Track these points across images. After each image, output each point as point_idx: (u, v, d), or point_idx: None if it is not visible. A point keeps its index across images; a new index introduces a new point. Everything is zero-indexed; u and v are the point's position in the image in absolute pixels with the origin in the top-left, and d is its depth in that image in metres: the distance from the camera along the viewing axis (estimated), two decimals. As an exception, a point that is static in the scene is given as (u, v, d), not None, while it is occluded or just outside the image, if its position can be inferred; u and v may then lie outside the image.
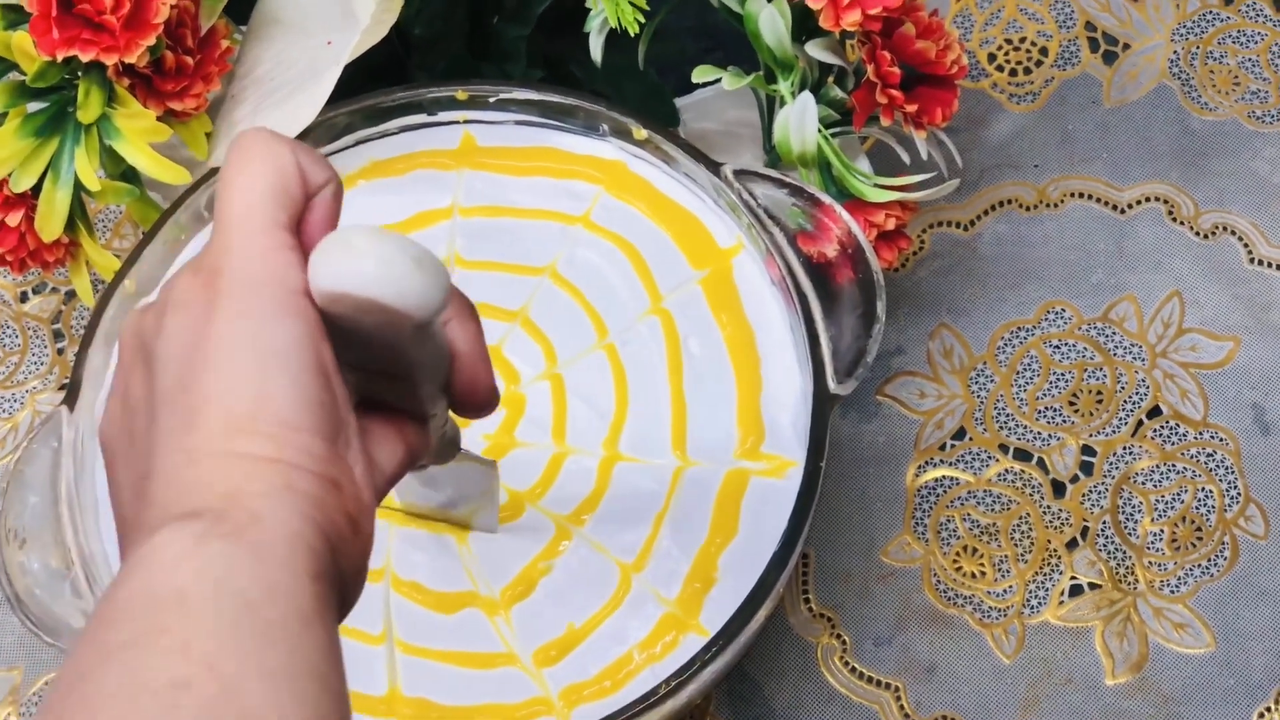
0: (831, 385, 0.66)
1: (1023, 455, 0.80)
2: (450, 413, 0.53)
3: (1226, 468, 0.79)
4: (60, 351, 0.84)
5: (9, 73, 0.70)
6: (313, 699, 0.40)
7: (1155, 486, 0.79)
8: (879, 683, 0.76)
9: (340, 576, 0.44)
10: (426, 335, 0.46)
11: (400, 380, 0.48)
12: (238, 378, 0.43)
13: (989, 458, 0.80)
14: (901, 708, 0.76)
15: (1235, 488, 0.79)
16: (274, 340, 0.44)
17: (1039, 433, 0.80)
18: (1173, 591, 0.77)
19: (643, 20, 0.67)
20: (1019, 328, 0.83)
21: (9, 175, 0.70)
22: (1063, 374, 0.81)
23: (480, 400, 0.51)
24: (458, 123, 0.74)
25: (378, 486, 0.47)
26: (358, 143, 0.74)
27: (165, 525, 0.42)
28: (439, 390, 0.50)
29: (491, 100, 0.73)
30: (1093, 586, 0.77)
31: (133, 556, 0.42)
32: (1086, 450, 0.80)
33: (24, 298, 0.85)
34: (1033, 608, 0.77)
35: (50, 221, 0.70)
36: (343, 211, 0.71)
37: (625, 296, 0.70)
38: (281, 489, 0.42)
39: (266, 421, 0.43)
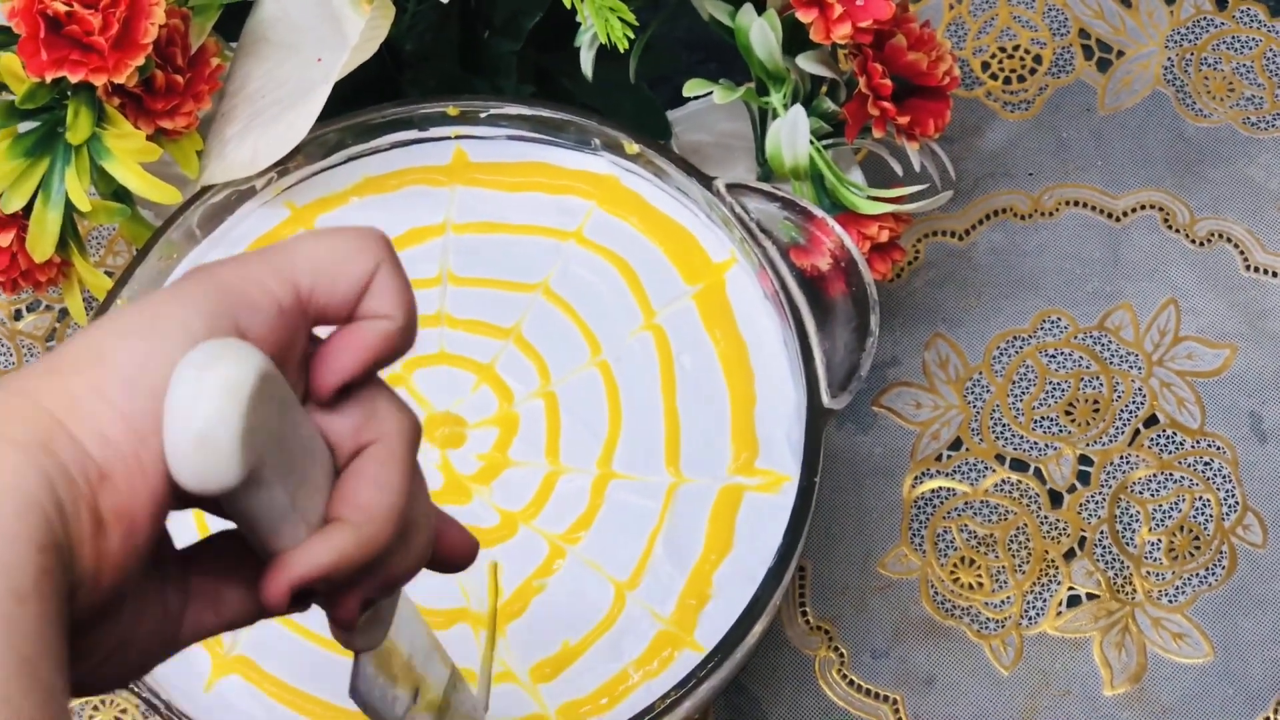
0: (825, 400, 0.66)
1: (1019, 465, 0.80)
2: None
3: (1224, 476, 0.79)
4: (55, 369, 0.83)
5: (-2, 94, 0.70)
6: (16, 693, 0.36)
7: (1153, 496, 0.79)
8: (877, 695, 0.76)
9: (70, 563, 0.39)
10: (248, 497, 0.42)
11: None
12: (104, 332, 0.41)
13: (986, 468, 0.80)
14: (900, 720, 0.76)
15: (1233, 496, 0.79)
16: (163, 323, 0.41)
17: (1035, 443, 0.80)
18: (1171, 601, 0.77)
19: (632, 35, 0.67)
20: (1015, 337, 0.82)
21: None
22: (1059, 383, 0.81)
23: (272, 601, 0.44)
24: (449, 138, 0.74)
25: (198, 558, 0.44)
26: (349, 159, 0.73)
27: None
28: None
29: (483, 115, 0.73)
30: (1091, 597, 0.77)
31: None
32: (1083, 460, 0.80)
33: (18, 315, 0.85)
34: (1030, 619, 0.77)
35: (42, 242, 0.70)
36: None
37: (618, 312, 0.70)
38: (38, 445, 0.39)
39: (84, 377, 0.40)
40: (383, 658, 0.50)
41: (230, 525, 0.44)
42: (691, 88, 0.73)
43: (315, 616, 0.65)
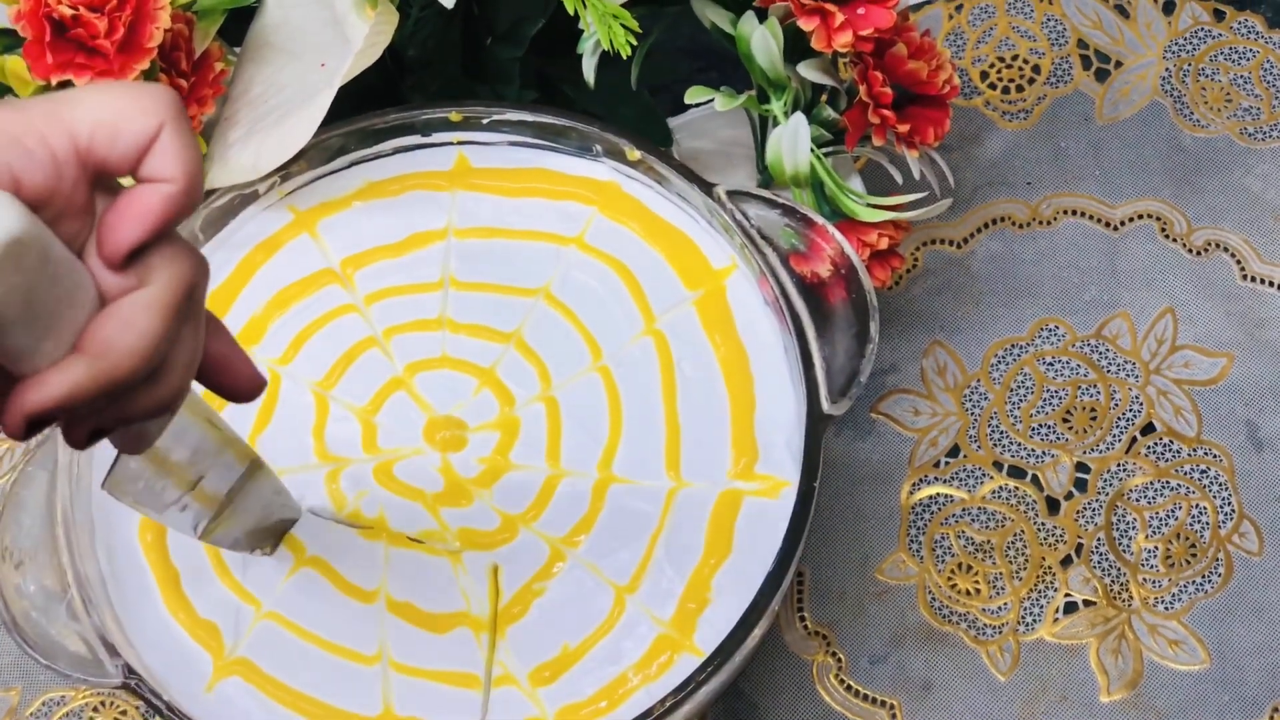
0: (825, 405, 0.67)
1: (1017, 472, 0.80)
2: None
3: (1220, 484, 0.80)
4: (56, 372, 0.84)
5: (3, 96, 0.70)
6: None
7: (1149, 503, 0.79)
8: (875, 700, 0.76)
9: None
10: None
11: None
12: None
13: (983, 475, 0.80)
14: (897, 726, 0.76)
15: (1229, 504, 0.79)
16: None
17: (1033, 450, 0.80)
18: (1167, 608, 0.77)
19: (635, 42, 0.68)
20: (1013, 345, 0.83)
21: (4, 199, 0.70)
22: (1056, 391, 0.82)
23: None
24: (451, 144, 0.74)
25: None
26: (352, 164, 0.74)
27: None
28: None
29: (485, 121, 0.73)
30: (1087, 604, 0.78)
31: None
32: (1080, 467, 0.80)
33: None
34: (1028, 625, 0.77)
35: (45, 244, 0.70)
36: (336, 231, 0.72)
37: (619, 318, 0.71)
38: None
39: None
40: (154, 457, 0.55)
41: None
42: (693, 95, 0.73)
43: (317, 618, 0.66)
